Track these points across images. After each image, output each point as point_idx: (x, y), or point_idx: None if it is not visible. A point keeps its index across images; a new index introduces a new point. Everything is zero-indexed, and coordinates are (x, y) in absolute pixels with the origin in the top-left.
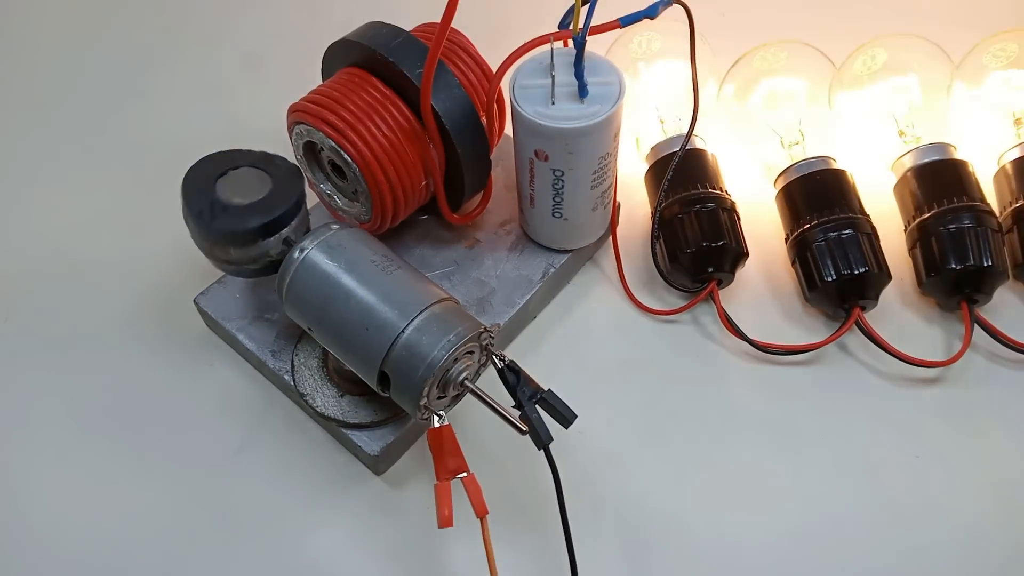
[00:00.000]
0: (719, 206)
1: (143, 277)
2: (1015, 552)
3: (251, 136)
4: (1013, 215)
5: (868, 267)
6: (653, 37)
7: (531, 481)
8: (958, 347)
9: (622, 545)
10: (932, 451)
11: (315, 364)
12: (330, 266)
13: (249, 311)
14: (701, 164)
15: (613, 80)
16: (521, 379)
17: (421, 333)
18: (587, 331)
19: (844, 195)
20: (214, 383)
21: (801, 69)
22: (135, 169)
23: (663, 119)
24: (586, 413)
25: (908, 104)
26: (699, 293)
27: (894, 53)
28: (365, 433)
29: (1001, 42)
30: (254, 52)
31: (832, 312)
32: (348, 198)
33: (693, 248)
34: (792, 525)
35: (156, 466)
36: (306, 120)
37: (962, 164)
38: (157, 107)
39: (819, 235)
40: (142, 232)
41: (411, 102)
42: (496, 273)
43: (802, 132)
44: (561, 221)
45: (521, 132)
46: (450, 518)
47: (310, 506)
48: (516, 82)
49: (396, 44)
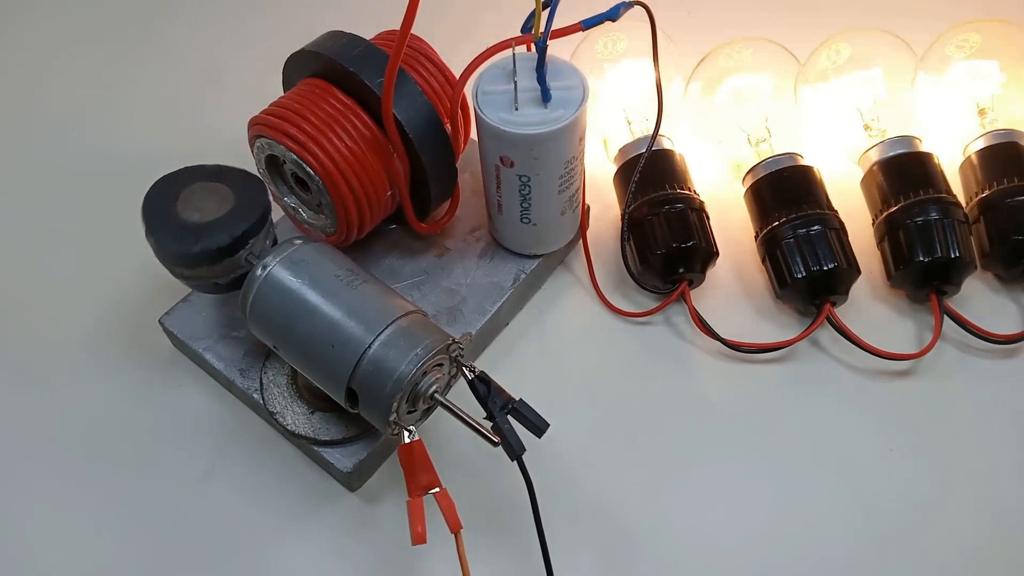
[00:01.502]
0: (688, 206)
1: (106, 297)
2: (989, 542)
3: (214, 150)
4: (979, 205)
5: (837, 263)
6: (618, 38)
7: (507, 491)
8: (929, 339)
9: (600, 551)
10: (906, 444)
11: (284, 382)
12: (293, 282)
13: (216, 329)
14: (669, 164)
15: (576, 84)
16: (492, 390)
17: (388, 348)
18: (560, 336)
19: (811, 191)
20: (183, 404)
21: (766, 66)
22: (95, 187)
23: (630, 120)
24: (561, 419)
25: (873, 98)
26: (670, 294)
27: (858, 47)
28: (337, 450)
29: (964, 32)
30: (214, 65)
31: (803, 308)
32: (313, 211)
33: (663, 249)
34: (769, 523)
35: (125, 491)
36: (267, 133)
37: (927, 156)
38: (116, 123)
39: (788, 232)
40: (104, 252)
41: (373, 112)
42: (466, 281)
43: (769, 129)
44: (530, 226)
45: (485, 139)
46: (423, 535)
47: (284, 525)
48: (479, 88)
49: (356, 53)
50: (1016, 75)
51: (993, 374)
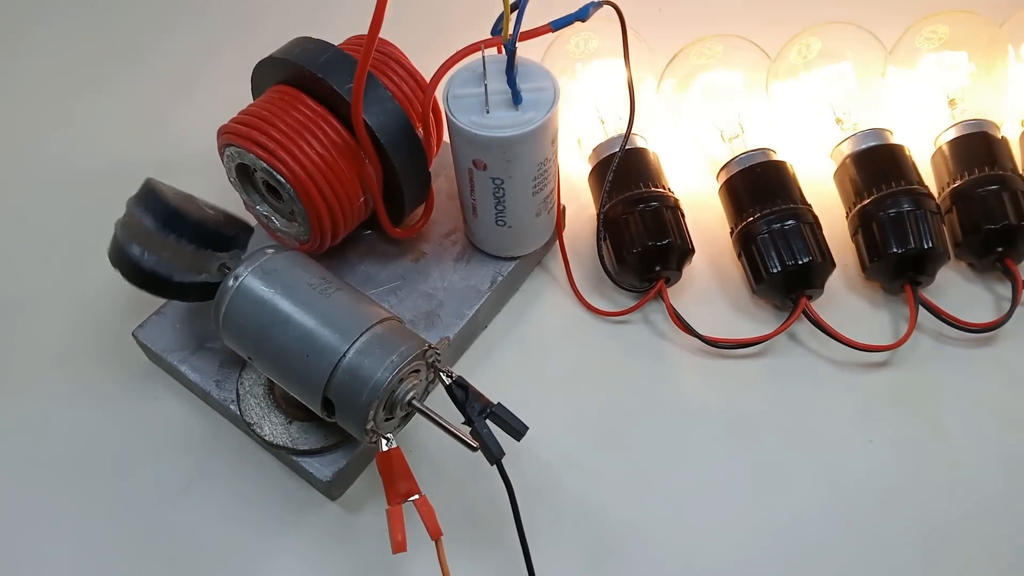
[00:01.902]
0: (663, 204)
1: (79, 311)
2: (967, 529)
3: (185, 160)
4: (951, 195)
5: (812, 257)
6: (590, 37)
7: (488, 495)
8: (905, 329)
9: (584, 552)
10: (885, 434)
11: (261, 392)
12: (266, 292)
13: (190, 341)
14: (643, 163)
15: (547, 85)
16: (470, 394)
17: (363, 356)
18: (539, 337)
19: (785, 186)
20: (159, 417)
21: (737, 62)
22: (64, 200)
23: (604, 119)
24: (541, 420)
25: (844, 91)
26: (648, 292)
27: (828, 41)
28: (316, 459)
29: (932, 24)
30: (184, 73)
31: (780, 303)
32: (286, 219)
33: (639, 248)
34: (751, 516)
35: (103, 507)
36: (236, 142)
37: (899, 148)
38: (85, 134)
39: (762, 227)
40: (75, 264)
41: (343, 118)
42: (443, 285)
43: (741, 125)
44: (505, 229)
45: (458, 142)
46: (403, 543)
47: (265, 536)
48: (449, 92)
49: (324, 59)
50: (985, 65)
51: (968, 362)
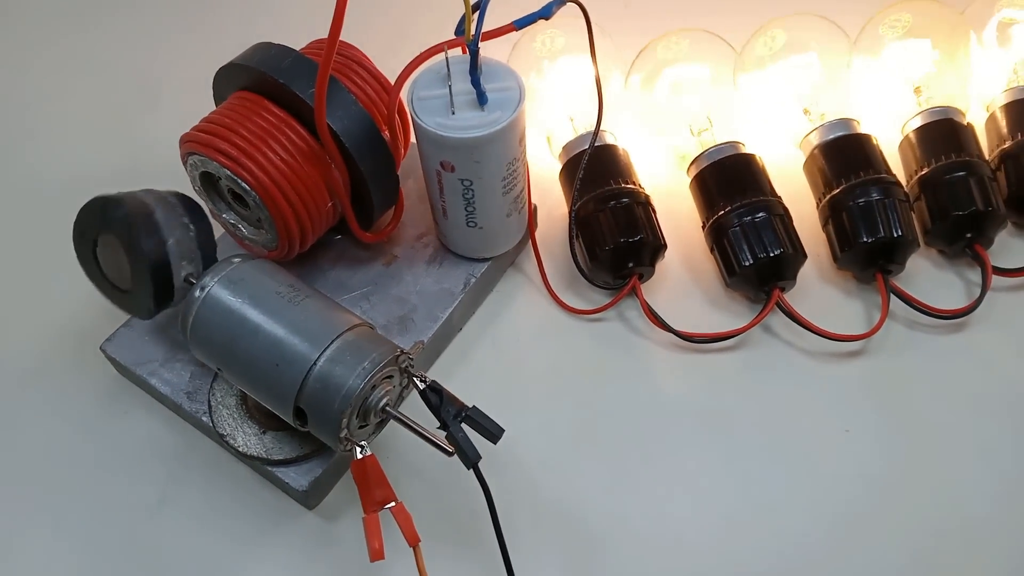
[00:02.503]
0: (633, 200)
1: (45, 325)
2: (945, 516)
3: (149, 168)
4: (919, 183)
5: (783, 249)
6: (555, 34)
7: (466, 499)
8: (877, 318)
9: (564, 553)
10: (860, 424)
11: (233, 403)
12: (234, 302)
13: (159, 353)
14: (612, 160)
15: (512, 85)
16: (444, 398)
17: (334, 363)
18: (514, 338)
19: (755, 179)
20: (130, 431)
21: (704, 56)
22: (27, 212)
23: (572, 116)
24: (519, 421)
25: (810, 82)
26: (622, 289)
27: (793, 33)
28: (292, 469)
29: (896, 12)
30: (146, 80)
31: (753, 295)
32: (253, 226)
33: (611, 245)
34: (731, 510)
35: (76, 524)
36: (199, 150)
37: (866, 138)
38: (46, 142)
39: (733, 220)
40: (40, 278)
41: (308, 123)
42: (416, 289)
43: (710, 119)
44: (476, 230)
45: (424, 144)
46: (381, 551)
47: (242, 549)
48: (414, 94)
49: (286, 64)
50: (948, 52)
51: (941, 349)
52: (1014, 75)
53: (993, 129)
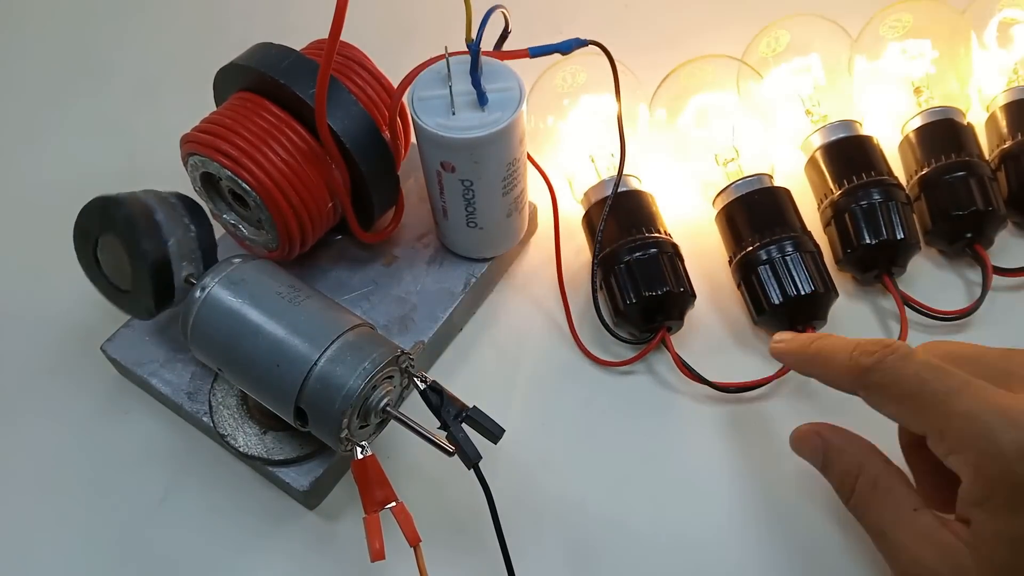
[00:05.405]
0: (661, 250)
1: (45, 325)
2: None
3: (151, 169)
4: (919, 183)
5: (814, 287)
6: (577, 71)
7: (467, 499)
8: (883, 324)
9: (564, 553)
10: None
11: (234, 403)
12: (234, 302)
13: (160, 353)
14: (637, 206)
15: (513, 85)
16: (444, 399)
17: (335, 364)
18: (515, 338)
19: (784, 214)
20: (131, 431)
21: (727, 82)
22: (28, 213)
23: (594, 157)
24: (520, 421)
25: (813, 83)
26: (649, 343)
27: (796, 34)
28: (292, 469)
29: (896, 13)
30: (147, 81)
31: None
32: (253, 227)
33: (634, 300)
34: (732, 511)
35: (77, 523)
36: (199, 151)
37: (867, 139)
38: (46, 144)
39: (762, 257)
40: (41, 279)
41: (308, 123)
42: (416, 289)
43: (736, 149)
44: (477, 230)
45: (425, 145)
46: (382, 551)
47: (243, 549)
48: (414, 95)
49: (286, 65)
50: (948, 52)
51: None
52: (1014, 75)
53: (993, 129)
